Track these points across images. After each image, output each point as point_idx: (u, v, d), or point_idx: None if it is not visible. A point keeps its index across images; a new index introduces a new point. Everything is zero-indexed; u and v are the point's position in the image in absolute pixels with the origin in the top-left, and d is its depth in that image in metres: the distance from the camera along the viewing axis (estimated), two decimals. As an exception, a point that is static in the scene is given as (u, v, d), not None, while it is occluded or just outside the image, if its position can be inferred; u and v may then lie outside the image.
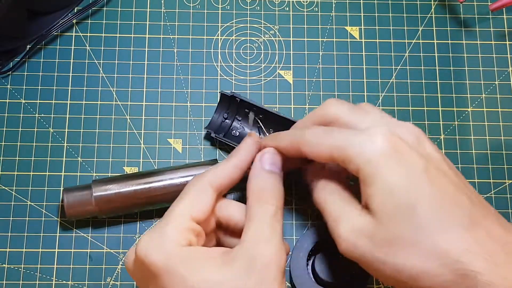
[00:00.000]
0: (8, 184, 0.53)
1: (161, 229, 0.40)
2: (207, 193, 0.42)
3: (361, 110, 0.42)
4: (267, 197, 0.42)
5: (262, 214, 0.41)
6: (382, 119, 0.42)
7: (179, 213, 0.41)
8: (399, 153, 0.38)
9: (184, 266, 0.38)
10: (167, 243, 0.39)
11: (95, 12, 0.58)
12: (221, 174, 0.43)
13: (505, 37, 0.59)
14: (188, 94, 0.56)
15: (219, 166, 0.44)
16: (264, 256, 0.39)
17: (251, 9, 0.59)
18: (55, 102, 0.55)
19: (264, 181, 0.43)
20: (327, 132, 0.41)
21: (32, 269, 0.51)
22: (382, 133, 0.39)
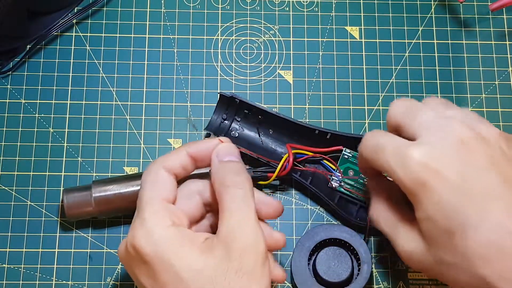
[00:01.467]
0: (8, 184, 0.53)
1: (141, 217, 0.41)
2: (162, 175, 0.43)
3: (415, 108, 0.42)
4: (233, 182, 0.41)
5: (231, 201, 0.41)
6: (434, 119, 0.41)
7: (148, 198, 0.41)
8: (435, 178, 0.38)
9: (171, 251, 0.39)
10: (153, 227, 0.40)
11: (95, 12, 0.58)
12: (171, 157, 0.44)
13: (505, 37, 0.59)
14: (188, 94, 0.56)
15: (172, 152, 0.44)
16: (240, 241, 0.39)
17: (251, 9, 0.59)
18: (55, 102, 0.55)
19: (225, 170, 0.43)
20: (378, 146, 0.42)
21: (32, 269, 0.51)
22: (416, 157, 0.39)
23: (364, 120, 0.55)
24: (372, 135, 0.43)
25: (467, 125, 0.40)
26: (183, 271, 0.38)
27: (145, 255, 0.39)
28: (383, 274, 0.51)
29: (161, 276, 0.39)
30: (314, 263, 0.49)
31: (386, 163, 0.40)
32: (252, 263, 0.39)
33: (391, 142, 0.41)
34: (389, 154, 0.40)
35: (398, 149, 0.40)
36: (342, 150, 0.52)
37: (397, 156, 0.40)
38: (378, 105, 0.56)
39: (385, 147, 0.41)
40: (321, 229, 0.49)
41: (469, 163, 0.38)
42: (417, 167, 0.38)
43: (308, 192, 0.53)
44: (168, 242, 0.39)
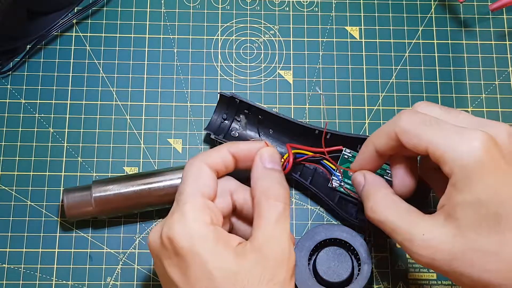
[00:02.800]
0: (8, 184, 0.53)
1: (181, 211, 0.41)
2: (206, 171, 0.43)
3: (452, 110, 0.42)
4: (274, 195, 0.42)
5: (271, 212, 0.42)
6: (475, 119, 0.41)
7: (190, 193, 0.42)
8: (494, 161, 0.38)
9: (206, 248, 0.39)
10: (191, 223, 0.40)
11: (95, 12, 0.58)
12: (214, 155, 0.44)
13: (505, 37, 0.59)
14: (188, 94, 0.56)
15: (213, 149, 0.45)
16: (276, 253, 0.40)
17: (251, 9, 0.59)
18: (55, 102, 0.55)
19: (269, 179, 0.43)
20: (425, 123, 0.40)
21: (32, 269, 0.51)
22: (480, 138, 0.38)
23: (364, 120, 0.55)
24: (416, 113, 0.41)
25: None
26: (216, 270, 0.39)
27: (180, 248, 0.40)
28: (383, 274, 0.51)
29: (193, 271, 0.39)
30: (314, 263, 0.49)
31: (439, 138, 0.39)
32: (284, 275, 0.40)
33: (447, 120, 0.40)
34: (447, 130, 0.39)
35: (459, 129, 0.39)
36: (342, 150, 0.52)
37: (457, 133, 0.39)
38: (378, 105, 0.56)
39: (441, 124, 0.40)
40: (321, 229, 0.49)
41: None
42: (480, 148, 0.38)
43: (308, 192, 0.53)
44: (204, 239, 0.40)
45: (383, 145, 0.43)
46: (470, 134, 0.38)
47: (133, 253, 0.52)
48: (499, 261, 0.37)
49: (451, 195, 0.39)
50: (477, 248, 0.37)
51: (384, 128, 0.43)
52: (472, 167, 0.38)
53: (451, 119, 0.41)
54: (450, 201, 0.39)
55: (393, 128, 0.41)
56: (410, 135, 0.40)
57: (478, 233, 0.37)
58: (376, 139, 0.43)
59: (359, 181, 0.45)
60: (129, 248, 0.52)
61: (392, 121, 0.42)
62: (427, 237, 0.39)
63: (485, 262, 0.37)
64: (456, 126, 0.39)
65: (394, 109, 0.56)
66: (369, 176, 0.45)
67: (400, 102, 0.56)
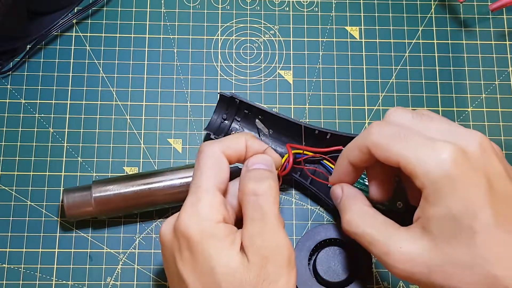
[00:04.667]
0: (8, 184, 0.53)
1: (196, 206, 0.41)
2: (224, 163, 0.43)
3: (425, 116, 0.41)
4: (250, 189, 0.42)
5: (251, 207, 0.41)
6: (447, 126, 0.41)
7: (207, 188, 0.41)
8: (464, 174, 0.38)
9: (214, 245, 0.39)
10: (205, 219, 0.40)
11: (95, 12, 0.58)
12: (233, 146, 0.44)
13: (505, 37, 0.59)
14: (188, 94, 0.56)
15: (229, 137, 0.45)
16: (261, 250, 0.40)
17: (251, 9, 0.59)
18: (55, 102, 0.55)
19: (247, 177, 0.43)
20: (395, 136, 0.40)
21: (32, 269, 0.51)
22: (448, 151, 0.38)
23: (364, 120, 0.55)
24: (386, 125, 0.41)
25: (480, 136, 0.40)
26: (218, 266, 0.39)
27: (193, 243, 0.40)
28: (383, 274, 0.51)
29: (199, 266, 0.39)
30: (314, 263, 0.49)
31: (410, 152, 0.39)
32: (277, 270, 0.39)
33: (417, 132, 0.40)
34: (416, 143, 0.39)
35: (428, 141, 0.39)
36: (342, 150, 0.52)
37: (426, 147, 0.38)
38: (378, 105, 0.56)
39: (410, 136, 0.39)
40: (321, 229, 0.49)
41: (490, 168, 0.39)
42: (448, 161, 0.37)
43: (308, 192, 0.53)
44: (213, 236, 0.40)
45: (357, 159, 0.43)
46: (439, 146, 0.38)
47: (133, 253, 0.52)
48: (476, 273, 0.37)
49: (425, 209, 0.39)
50: (453, 261, 0.37)
51: (356, 142, 0.43)
52: (442, 181, 0.38)
53: (423, 127, 0.40)
54: (424, 214, 0.39)
55: (364, 142, 0.41)
56: (381, 149, 0.40)
57: (453, 246, 0.37)
58: (350, 153, 0.43)
59: (337, 194, 0.46)
60: (129, 248, 0.52)
61: (363, 134, 0.42)
62: (404, 250, 0.39)
63: (462, 274, 0.37)
64: (426, 138, 0.39)
65: (394, 109, 0.56)
66: (347, 189, 0.45)
67: (400, 102, 0.56)
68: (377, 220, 0.42)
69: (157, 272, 0.51)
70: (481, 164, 0.38)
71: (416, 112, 0.42)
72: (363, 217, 0.43)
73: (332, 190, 0.47)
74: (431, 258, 0.38)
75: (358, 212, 0.43)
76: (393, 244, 0.40)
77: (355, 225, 0.42)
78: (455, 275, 0.38)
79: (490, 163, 0.39)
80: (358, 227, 0.42)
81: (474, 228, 0.37)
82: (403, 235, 0.40)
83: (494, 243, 0.37)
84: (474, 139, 0.39)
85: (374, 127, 0.41)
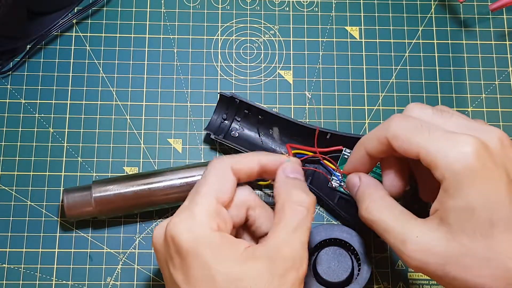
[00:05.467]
0: (8, 184, 0.53)
1: (190, 211, 0.40)
2: (229, 176, 0.43)
3: (445, 112, 0.42)
4: (299, 198, 0.42)
5: (292, 216, 0.41)
6: (467, 122, 0.41)
7: (205, 195, 0.41)
8: (485, 168, 0.38)
9: (210, 253, 0.39)
10: (197, 226, 0.40)
11: (95, 12, 0.58)
12: (243, 161, 0.44)
13: (505, 37, 0.59)
14: (188, 94, 0.56)
15: (242, 155, 0.45)
16: (289, 258, 0.39)
17: (251, 9, 0.59)
18: (55, 102, 0.55)
19: (293, 185, 0.43)
20: (416, 128, 0.40)
21: (32, 269, 0.51)
22: (471, 144, 0.38)
23: (364, 120, 0.55)
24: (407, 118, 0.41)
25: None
26: (219, 275, 0.38)
27: (182, 248, 0.39)
28: (383, 274, 0.51)
29: (194, 272, 0.39)
30: (314, 263, 0.49)
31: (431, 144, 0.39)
32: (293, 281, 0.39)
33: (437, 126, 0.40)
34: (438, 135, 0.39)
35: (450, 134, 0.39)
36: (342, 150, 0.52)
37: (448, 139, 0.39)
38: (378, 105, 0.56)
39: (432, 129, 0.40)
40: (321, 229, 0.49)
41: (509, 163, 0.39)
42: (471, 154, 0.37)
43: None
44: (209, 243, 0.39)
45: (374, 149, 0.43)
46: (462, 139, 0.38)
47: (133, 253, 0.52)
48: (492, 266, 0.37)
49: (443, 200, 0.39)
50: (470, 253, 0.37)
51: (375, 132, 0.43)
52: (463, 173, 0.38)
53: (443, 122, 0.41)
54: (442, 206, 0.39)
55: (384, 133, 0.41)
56: (401, 141, 0.40)
57: (471, 239, 0.37)
58: (368, 143, 0.43)
59: (354, 182, 0.46)
60: (129, 248, 0.52)
61: (383, 126, 0.42)
62: (420, 240, 0.39)
63: (478, 267, 0.37)
64: (447, 131, 0.39)
65: (394, 109, 0.56)
66: (364, 178, 0.45)
67: (400, 102, 0.56)
68: (395, 209, 0.42)
69: (157, 272, 0.51)
70: (501, 158, 0.39)
71: (436, 107, 0.42)
72: (382, 205, 0.42)
73: (349, 178, 0.46)
74: (448, 250, 0.38)
75: (378, 200, 0.43)
76: (410, 233, 0.40)
77: (373, 212, 0.42)
78: (471, 267, 0.37)
79: (509, 158, 0.39)
80: (376, 215, 0.42)
81: (493, 221, 0.37)
82: (420, 225, 0.40)
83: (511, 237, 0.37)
84: (494, 134, 0.39)
85: (395, 119, 0.41)
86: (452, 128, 0.40)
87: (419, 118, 0.41)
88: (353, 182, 0.46)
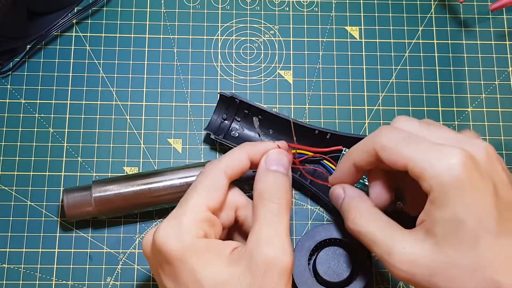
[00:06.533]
0: (8, 184, 0.53)
1: (178, 219, 0.40)
2: (221, 182, 0.43)
3: (431, 125, 0.42)
4: (270, 196, 0.42)
5: (264, 214, 0.41)
6: (454, 135, 0.41)
7: (195, 204, 0.41)
8: (472, 179, 0.38)
9: (196, 259, 0.39)
10: (184, 234, 0.40)
11: (95, 12, 0.58)
12: (235, 162, 0.44)
13: (505, 37, 0.59)
14: (188, 94, 0.56)
15: (232, 154, 0.44)
16: (265, 255, 0.39)
17: (251, 9, 0.59)
18: (55, 102, 0.55)
19: (268, 181, 0.43)
20: (405, 140, 0.40)
21: (32, 269, 0.51)
22: (458, 155, 0.38)
23: (364, 120, 0.55)
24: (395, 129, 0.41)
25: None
26: (206, 280, 0.38)
27: (169, 255, 0.39)
28: (383, 274, 0.51)
29: (182, 279, 0.39)
30: (314, 263, 0.49)
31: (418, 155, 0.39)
32: (275, 280, 0.39)
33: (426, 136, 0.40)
34: (425, 147, 0.39)
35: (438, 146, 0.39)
36: (342, 150, 0.52)
37: (435, 151, 0.39)
38: (378, 105, 0.56)
39: (420, 141, 0.40)
40: (321, 229, 0.49)
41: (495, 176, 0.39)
42: (458, 165, 0.38)
43: (308, 192, 0.53)
44: (194, 249, 0.39)
45: (362, 161, 0.43)
46: (449, 151, 0.38)
47: (133, 253, 0.52)
48: (478, 278, 0.37)
49: (430, 212, 0.39)
50: (456, 264, 0.38)
51: (363, 143, 0.43)
52: (450, 185, 0.38)
53: (429, 134, 0.41)
54: (429, 217, 0.39)
55: (372, 144, 0.42)
56: (389, 152, 0.40)
57: (457, 250, 0.37)
58: (355, 155, 0.44)
59: (338, 194, 0.46)
60: (129, 248, 0.52)
61: (371, 137, 0.42)
62: (407, 251, 0.39)
63: (465, 278, 0.37)
64: (435, 143, 0.40)
65: (394, 109, 0.56)
66: (349, 190, 0.45)
67: (400, 102, 0.56)
68: (381, 220, 0.42)
69: (157, 272, 0.51)
70: (487, 171, 0.39)
71: (423, 120, 0.42)
72: (368, 217, 0.43)
73: (332, 190, 0.47)
74: (434, 260, 0.38)
75: (364, 212, 0.43)
76: (396, 245, 0.40)
77: (360, 224, 0.42)
78: (456, 278, 0.38)
79: (495, 171, 0.39)
80: (363, 226, 0.42)
81: (479, 233, 0.37)
82: (406, 236, 0.40)
83: (498, 249, 0.37)
84: (481, 146, 0.39)
85: (383, 131, 0.42)
86: (439, 141, 0.40)
87: (406, 130, 0.41)
88: (337, 193, 0.46)
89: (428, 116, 0.56)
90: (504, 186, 0.39)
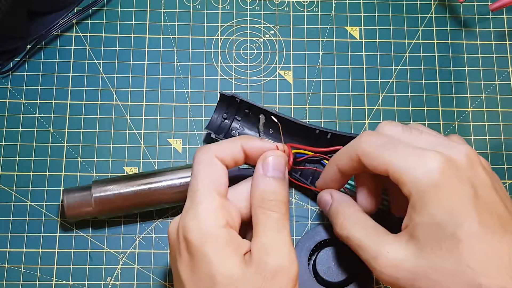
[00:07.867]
0: (8, 184, 0.53)
1: (194, 211, 0.40)
2: (218, 165, 0.43)
3: (414, 130, 0.42)
4: (269, 205, 0.42)
5: (266, 221, 0.41)
6: (436, 139, 0.41)
7: (205, 191, 0.41)
8: (449, 183, 0.38)
9: (215, 252, 0.39)
10: (204, 224, 0.40)
11: (95, 12, 0.58)
12: (225, 147, 0.43)
13: (505, 37, 0.59)
14: (188, 94, 0.56)
15: (226, 141, 0.44)
16: (274, 262, 0.39)
17: (251, 9, 0.59)
18: (55, 102, 0.55)
19: (267, 188, 0.42)
20: (385, 145, 0.41)
21: (32, 269, 0.51)
22: (437, 159, 0.38)
23: (364, 120, 0.56)
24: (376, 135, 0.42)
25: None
26: (219, 274, 0.39)
27: (192, 246, 0.39)
28: (383, 274, 0.51)
29: (198, 271, 0.39)
30: (314, 263, 0.49)
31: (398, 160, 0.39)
32: (283, 285, 0.39)
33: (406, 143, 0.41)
34: (405, 152, 0.40)
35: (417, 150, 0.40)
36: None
37: (414, 155, 0.39)
38: (378, 105, 0.56)
39: (400, 146, 0.40)
40: (321, 229, 0.49)
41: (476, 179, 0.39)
42: (436, 169, 0.38)
43: (308, 192, 0.53)
44: (215, 241, 0.39)
45: (346, 166, 0.44)
46: (428, 155, 0.39)
47: (133, 253, 0.52)
48: (460, 281, 0.37)
49: (412, 216, 0.39)
50: (438, 268, 0.38)
51: (346, 149, 0.43)
52: (428, 189, 0.38)
53: (412, 139, 0.41)
54: (411, 222, 0.39)
55: (354, 149, 0.42)
56: (370, 157, 0.41)
57: (438, 254, 0.38)
58: (339, 160, 0.44)
59: (326, 199, 0.46)
60: (129, 248, 0.52)
61: (353, 143, 0.43)
62: (391, 255, 0.40)
63: (447, 282, 0.38)
64: (415, 148, 0.40)
65: (394, 109, 0.56)
66: (336, 195, 0.46)
67: (400, 102, 0.56)
68: (368, 225, 0.43)
69: (157, 272, 0.51)
70: (467, 174, 0.39)
71: (406, 125, 0.43)
72: (355, 221, 0.43)
73: (320, 196, 0.47)
74: (416, 265, 0.39)
75: (351, 217, 0.44)
76: (381, 249, 0.40)
77: (347, 228, 0.43)
78: (439, 283, 0.38)
79: (476, 174, 0.39)
80: (350, 231, 0.43)
81: (459, 236, 0.37)
82: (391, 241, 0.40)
83: (478, 251, 0.37)
84: (462, 150, 0.40)
85: (365, 136, 0.42)
86: (421, 145, 0.41)
87: (388, 135, 0.42)
88: (325, 199, 0.46)
89: (428, 116, 0.56)
90: (485, 188, 0.39)
